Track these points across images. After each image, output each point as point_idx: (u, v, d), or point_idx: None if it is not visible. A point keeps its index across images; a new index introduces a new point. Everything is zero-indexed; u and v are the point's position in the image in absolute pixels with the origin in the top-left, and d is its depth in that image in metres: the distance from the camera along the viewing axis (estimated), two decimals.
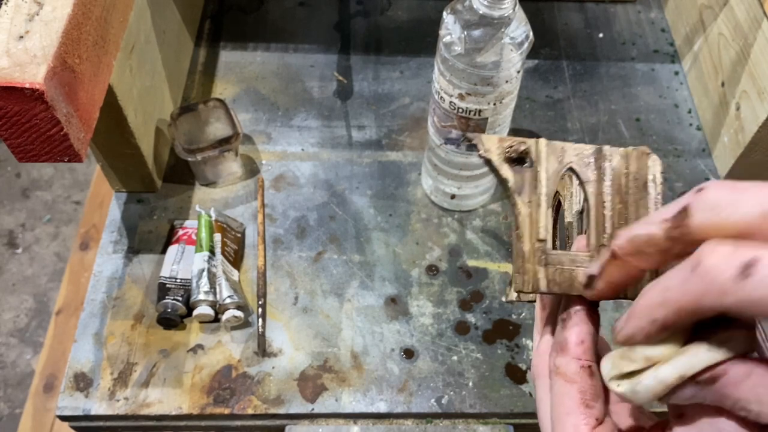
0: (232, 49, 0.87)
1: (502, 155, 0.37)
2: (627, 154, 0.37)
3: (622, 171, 0.37)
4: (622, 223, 0.36)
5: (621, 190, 0.37)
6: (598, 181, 0.37)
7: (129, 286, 0.67)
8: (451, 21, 0.57)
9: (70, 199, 1.77)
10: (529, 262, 0.36)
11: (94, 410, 0.59)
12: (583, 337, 0.35)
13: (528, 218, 0.36)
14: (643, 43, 0.90)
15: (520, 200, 0.36)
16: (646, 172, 0.37)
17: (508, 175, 0.37)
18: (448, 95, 0.60)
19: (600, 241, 0.36)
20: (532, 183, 0.37)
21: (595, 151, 0.37)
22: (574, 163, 0.37)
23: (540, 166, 0.37)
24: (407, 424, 0.61)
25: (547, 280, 0.35)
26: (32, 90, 0.45)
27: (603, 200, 0.37)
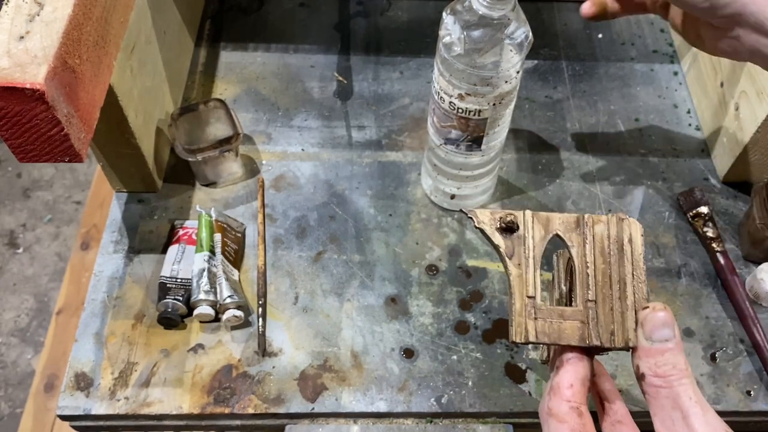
0: (232, 49, 0.87)
1: (494, 225, 0.43)
2: (607, 220, 0.43)
3: (604, 235, 0.42)
4: (606, 280, 0.42)
5: (604, 252, 0.42)
6: (582, 245, 0.42)
7: (129, 285, 0.67)
8: (451, 21, 0.57)
9: (71, 199, 1.77)
10: (521, 316, 0.41)
11: (94, 410, 0.60)
12: (572, 381, 0.39)
13: (518, 278, 0.42)
14: (642, 43, 0.90)
15: (511, 263, 0.42)
16: (623, 235, 0.42)
17: (500, 242, 0.43)
18: (448, 95, 0.60)
19: (585, 296, 0.41)
20: (520, 248, 0.42)
21: (579, 218, 0.43)
22: (559, 230, 0.43)
23: (527, 233, 0.43)
24: (407, 423, 0.61)
25: (536, 332, 0.41)
26: (33, 90, 0.45)
27: (586, 261, 0.42)
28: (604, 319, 0.41)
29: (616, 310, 0.41)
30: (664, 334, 0.39)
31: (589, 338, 0.40)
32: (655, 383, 0.38)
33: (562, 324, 0.41)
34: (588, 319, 0.41)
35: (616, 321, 0.41)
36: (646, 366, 0.38)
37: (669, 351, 0.38)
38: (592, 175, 0.77)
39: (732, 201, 0.75)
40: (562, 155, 0.78)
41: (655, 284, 0.69)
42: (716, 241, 0.70)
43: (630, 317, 0.41)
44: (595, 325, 0.41)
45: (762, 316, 0.66)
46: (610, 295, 0.41)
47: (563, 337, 0.40)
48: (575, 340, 0.40)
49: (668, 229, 0.73)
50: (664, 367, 0.38)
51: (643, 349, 0.39)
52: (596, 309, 0.41)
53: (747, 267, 0.70)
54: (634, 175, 0.77)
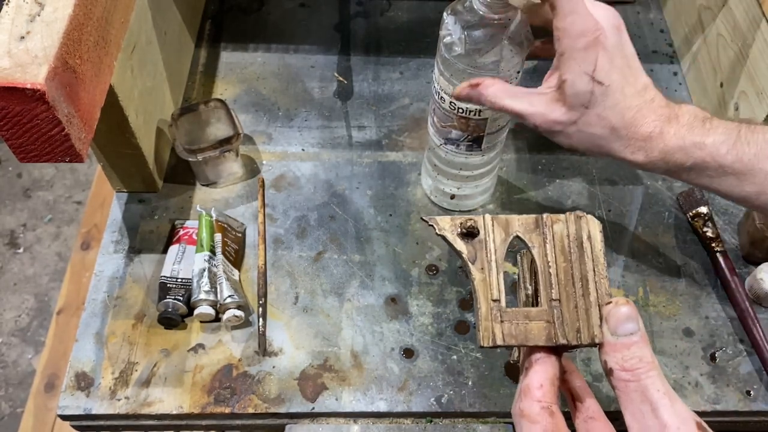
0: (232, 49, 0.87)
1: (455, 231, 0.43)
2: (566, 219, 0.43)
3: (563, 233, 0.43)
4: (569, 279, 0.42)
5: (564, 250, 0.43)
6: (542, 245, 0.43)
7: (130, 285, 0.67)
8: (452, 21, 0.57)
9: (72, 199, 1.78)
10: (487, 320, 0.41)
11: (95, 409, 0.60)
12: (542, 381, 0.40)
13: (482, 282, 0.42)
14: (642, 43, 0.90)
15: (474, 268, 0.42)
16: (581, 232, 0.43)
17: (462, 248, 0.43)
18: (448, 95, 0.60)
19: (549, 295, 0.42)
20: (482, 252, 0.43)
21: (537, 219, 0.43)
22: (519, 232, 0.43)
23: (488, 237, 0.43)
24: (407, 423, 0.61)
25: (503, 334, 0.41)
26: (33, 90, 0.45)
27: (548, 261, 0.42)
28: (569, 317, 0.41)
29: (580, 308, 0.41)
30: (628, 328, 0.39)
31: (556, 337, 0.41)
32: (623, 377, 0.38)
33: (528, 325, 0.41)
34: (553, 318, 0.41)
35: (581, 318, 0.41)
36: (613, 361, 0.39)
37: (635, 344, 0.39)
38: (592, 175, 0.77)
39: None
40: (562, 155, 0.78)
41: (654, 284, 0.69)
42: (716, 241, 0.70)
43: (594, 313, 0.41)
44: (560, 324, 0.41)
45: (762, 316, 0.66)
46: (573, 293, 0.42)
47: (530, 338, 0.41)
48: (542, 340, 0.41)
49: (668, 229, 0.73)
50: (630, 360, 0.38)
51: (609, 344, 0.40)
52: (561, 308, 0.41)
53: (747, 267, 0.70)
54: (634, 175, 0.77)
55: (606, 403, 0.61)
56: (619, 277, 0.69)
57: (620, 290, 0.68)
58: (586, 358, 0.64)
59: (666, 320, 0.66)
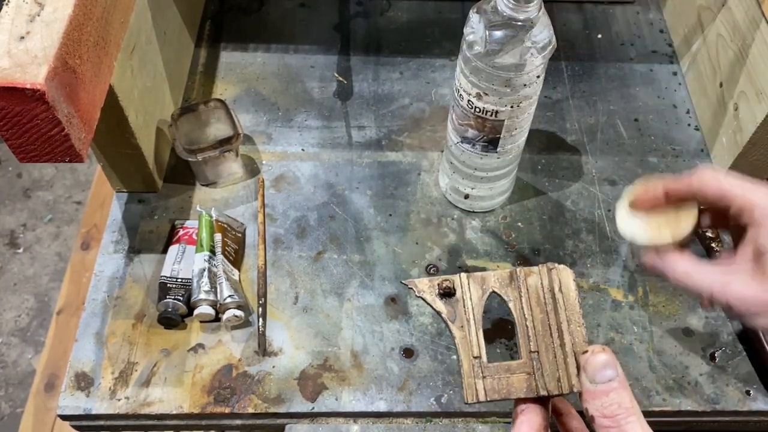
0: (232, 49, 0.87)
1: (434, 292, 0.44)
2: (539, 271, 0.44)
3: (538, 285, 0.44)
4: (546, 329, 0.43)
5: (540, 301, 0.44)
6: (518, 299, 0.44)
7: (130, 285, 0.67)
8: (476, 20, 0.57)
9: (72, 199, 1.78)
10: (470, 377, 0.42)
11: (95, 409, 0.60)
12: (530, 431, 0.41)
13: (463, 340, 0.43)
14: (642, 43, 0.90)
15: (454, 326, 0.43)
16: (553, 284, 0.44)
17: (441, 308, 0.44)
18: (467, 93, 0.61)
19: (528, 347, 0.43)
20: (461, 310, 0.44)
21: (512, 273, 0.44)
22: (495, 287, 0.44)
23: (465, 295, 0.44)
24: (407, 423, 0.61)
25: (485, 390, 0.42)
26: (33, 90, 0.45)
27: (524, 314, 0.43)
28: (549, 367, 0.42)
29: (559, 357, 0.42)
30: (606, 375, 0.40)
31: (537, 389, 0.42)
32: (604, 424, 0.39)
33: (510, 378, 0.42)
34: (533, 370, 0.42)
35: (560, 368, 0.42)
36: (593, 408, 0.39)
37: (613, 390, 0.39)
38: (592, 175, 0.77)
39: None
40: (561, 155, 0.78)
41: (654, 284, 0.69)
42: (716, 241, 0.70)
43: (572, 362, 0.42)
44: (540, 375, 0.42)
45: None
46: (551, 343, 0.43)
47: (512, 391, 0.42)
48: (524, 392, 0.42)
49: None
50: (610, 407, 0.39)
51: (588, 392, 0.40)
52: (540, 359, 0.42)
53: None
54: (634, 175, 0.77)
55: None
56: (618, 277, 0.69)
57: (620, 290, 0.68)
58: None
59: (666, 320, 0.66)
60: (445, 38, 0.89)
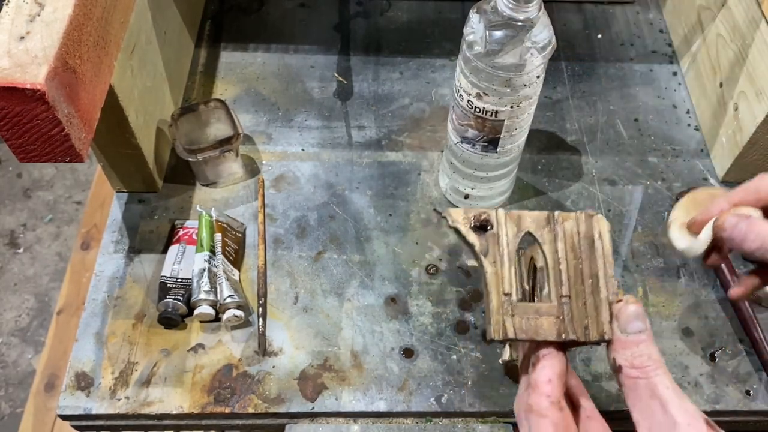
0: (232, 49, 0.87)
1: (468, 224, 0.43)
2: (576, 217, 0.43)
3: (574, 231, 0.43)
4: (579, 276, 0.42)
5: (575, 247, 0.43)
6: (553, 242, 0.43)
7: (130, 285, 0.67)
8: (476, 20, 0.57)
9: (72, 199, 1.78)
10: (498, 314, 0.41)
11: (95, 409, 0.60)
12: (550, 376, 0.40)
13: (494, 276, 0.42)
14: (642, 43, 0.90)
15: (486, 261, 0.43)
16: (593, 231, 0.43)
17: (474, 241, 0.43)
18: (467, 93, 0.61)
19: (559, 292, 0.42)
20: (495, 246, 0.43)
21: (549, 215, 0.43)
22: (530, 227, 0.43)
23: (501, 231, 0.43)
24: (407, 423, 0.61)
25: (514, 329, 0.41)
26: (33, 90, 0.45)
27: (558, 258, 0.43)
28: (577, 314, 0.41)
29: (589, 305, 0.42)
30: (637, 326, 0.40)
31: (565, 333, 0.41)
32: (632, 374, 0.39)
33: (538, 320, 0.41)
34: (563, 315, 0.41)
35: (589, 315, 0.41)
36: (622, 358, 0.39)
37: (643, 342, 0.39)
38: (592, 175, 0.77)
39: None
40: (561, 155, 0.78)
41: (654, 284, 0.69)
42: None
43: (603, 311, 0.41)
44: (570, 321, 0.41)
45: (761, 316, 0.66)
46: (582, 290, 0.42)
47: (540, 333, 0.41)
48: (552, 335, 0.41)
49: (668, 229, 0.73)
50: (640, 358, 0.39)
51: (618, 342, 0.40)
52: (570, 304, 0.42)
53: (746, 267, 0.70)
54: (634, 175, 0.77)
55: (606, 402, 0.61)
56: (618, 276, 0.69)
57: (620, 290, 0.68)
58: (586, 358, 0.64)
59: (666, 320, 0.66)
60: (445, 38, 0.89)
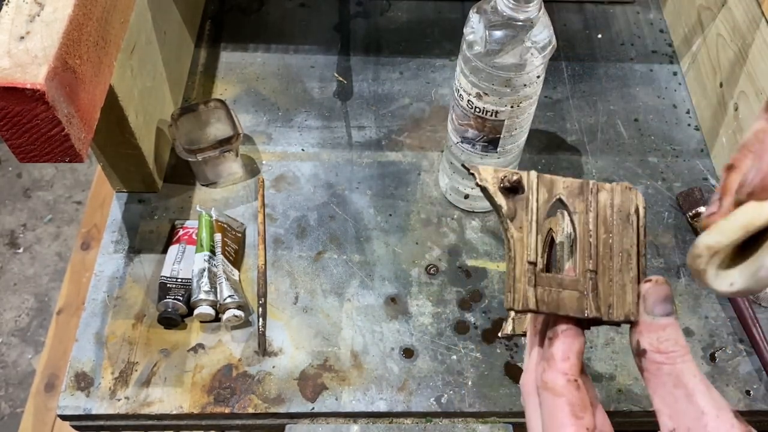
0: (232, 49, 0.87)
1: (497, 184, 0.40)
2: (612, 189, 0.40)
3: (607, 203, 0.40)
4: (607, 251, 0.39)
5: (606, 221, 0.40)
6: (584, 212, 0.40)
7: (130, 285, 0.67)
8: (476, 20, 0.57)
9: (72, 199, 1.77)
10: (520, 282, 0.38)
11: (95, 409, 0.60)
12: (569, 353, 0.37)
13: (519, 242, 0.39)
14: (642, 43, 0.90)
15: (512, 225, 0.39)
16: (629, 205, 0.40)
17: (502, 203, 0.39)
18: (467, 93, 0.61)
19: (585, 266, 0.39)
20: (523, 210, 0.40)
21: (583, 184, 0.40)
22: (562, 195, 0.40)
23: (531, 195, 0.40)
24: (407, 423, 0.61)
25: (536, 299, 0.38)
26: (33, 90, 0.45)
27: (588, 229, 0.40)
28: (603, 290, 0.39)
29: (616, 283, 0.39)
30: (666, 308, 0.37)
31: (589, 309, 0.38)
32: (656, 359, 0.36)
33: (561, 293, 0.38)
34: (588, 290, 0.39)
35: (615, 293, 0.39)
36: (647, 342, 0.37)
37: (670, 326, 0.37)
38: (592, 175, 0.77)
39: None
40: (561, 155, 0.78)
41: None
42: None
43: (630, 290, 0.39)
44: (594, 297, 0.38)
45: (761, 316, 0.66)
46: (610, 266, 0.39)
47: (561, 307, 0.38)
48: (573, 310, 0.38)
49: (667, 229, 0.73)
50: (666, 342, 0.36)
51: (644, 324, 0.37)
52: (596, 280, 0.39)
53: None
54: (634, 175, 0.77)
55: (605, 402, 0.61)
56: None
57: None
58: (586, 357, 0.64)
59: None
60: (445, 38, 0.89)
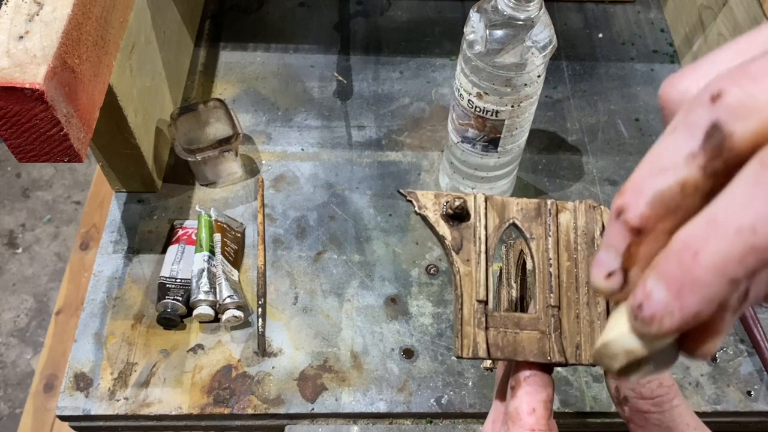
0: (232, 49, 0.87)
1: (439, 211, 0.35)
2: (575, 208, 0.35)
3: (570, 226, 0.35)
4: (572, 282, 0.34)
5: (570, 246, 0.35)
6: (543, 238, 0.35)
7: (129, 286, 0.67)
8: (476, 19, 0.57)
9: (71, 199, 1.77)
10: (469, 325, 0.33)
11: (94, 410, 0.60)
12: (534, 405, 0.32)
13: (467, 278, 0.34)
14: (643, 43, 0.90)
15: (458, 258, 0.34)
16: (593, 227, 0.35)
17: (445, 232, 0.35)
18: (467, 93, 0.60)
19: (546, 301, 0.34)
20: (470, 240, 0.35)
21: (540, 204, 0.35)
22: (516, 219, 0.35)
23: (479, 222, 0.35)
24: (407, 423, 0.61)
25: (488, 345, 0.33)
26: (32, 90, 0.45)
27: (548, 258, 0.34)
28: (568, 328, 0.34)
29: (583, 319, 0.34)
30: None
31: (551, 353, 0.33)
32: (641, 408, 0.31)
33: (518, 335, 0.33)
34: (550, 329, 0.34)
35: (583, 332, 0.34)
36: (627, 387, 0.32)
37: None
38: (592, 175, 0.77)
39: None
40: (562, 155, 0.78)
41: None
42: None
43: (599, 327, 0.34)
44: (558, 337, 0.33)
45: (762, 316, 0.66)
46: (576, 299, 0.34)
47: (520, 352, 0.33)
48: (534, 355, 0.33)
49: None
50: (649, 385, 0.31)
51: None
52: (559, 316, 0.34)
53: None
54: None
55: (607, 404, 0.61)
56: None
57: None
58: None
59: None
60: (445, 37, 0.89)
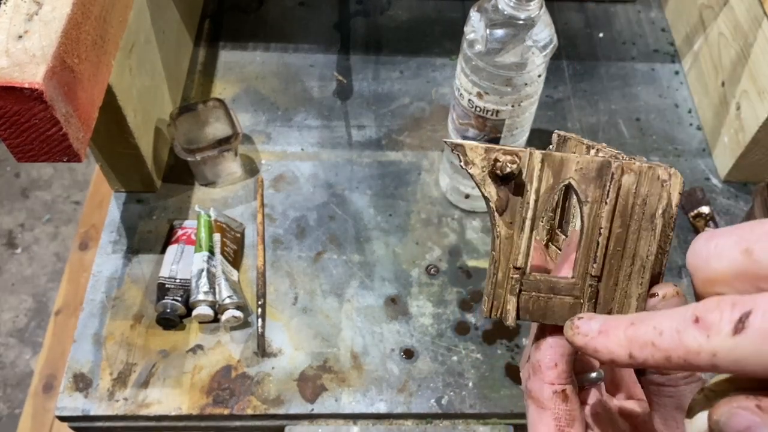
0: (231, 48, 0.87)
1: (487, 168, 0.32)
2: (640, 172, 0.31)
3: (631, 191, 0.32)
4: (618, 250, 0.32)
5: (626, 211, 0.32)
6: (599, 202, 0.32)
7: (128, 286, 0.66)
8: (477, 19, 0.57)
9: (70, 199, 1.77)
10: (501, 288, 0.33)
11: (93, 411, 0.59)
12: (556, 359, 0.32)
13: (507, 241, 0.32)
14: (643, 42, 0.90)
15: (501, 221, 0.32)
16: (656, 202, 0.32)
17: (491, 193, 0.32)
18: (468, 92, 0.60)
19: (587, 269, 0.32)
20: (517, 201, 0.32)
21: (603, 165, 0.32)
22: (573, 179, 0.32)
23: (530, 185, 0.32)
24: (407, 424, 0.61)
25: (519, 308, 0.32)
26: (31, 90, 0.45)
27: (600, 225, 0.32)
28: (603, 296, 0.33)
29: (621, 289, 0.32)
30: None
31: None
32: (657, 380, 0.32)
33: (551, 300, 0.32)
34: (584, 298, 0.32)
35: (617, 301, 0.32)
36: None
37: None
38: None
39: (733, 201, 0.75)
40: None
41: None
42: None
43: (634, 305, 0.32)
44: (592, 305, 0.32)
45: None
46: (618, 268, 0.32)
47: (549, 316, 0.32)
48: (563, 319, 0.31)
49: None
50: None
51: None
52: (597, 285, 0.32)
53: None
54: None
55: None
56: None
57: None
58: None
59: None
60: (445, 37, 0.88)
